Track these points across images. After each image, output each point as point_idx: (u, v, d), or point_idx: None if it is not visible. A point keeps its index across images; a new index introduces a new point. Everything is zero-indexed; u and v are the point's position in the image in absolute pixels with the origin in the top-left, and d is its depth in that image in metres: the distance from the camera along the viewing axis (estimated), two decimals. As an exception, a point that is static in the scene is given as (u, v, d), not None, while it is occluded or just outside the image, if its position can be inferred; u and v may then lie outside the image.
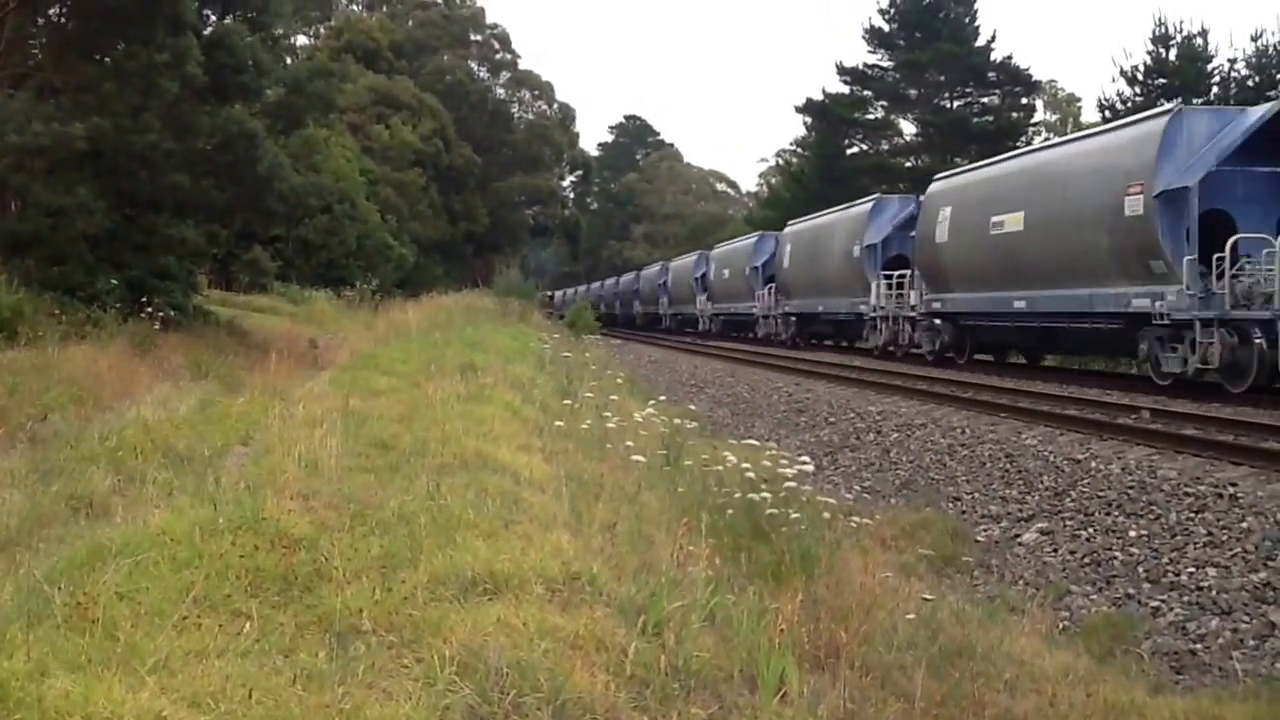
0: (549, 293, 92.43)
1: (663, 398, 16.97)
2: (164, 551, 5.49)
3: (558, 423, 11.07)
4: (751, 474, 9.45)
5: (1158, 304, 20.07)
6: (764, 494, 8.87)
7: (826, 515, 9.03)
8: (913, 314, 31.71)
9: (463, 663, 4.36)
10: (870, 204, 36.87)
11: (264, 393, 13.72)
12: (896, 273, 33.22)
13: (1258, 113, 20.54)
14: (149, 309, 20.42)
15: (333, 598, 5.11)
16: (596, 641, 4.87)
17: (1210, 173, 19.79)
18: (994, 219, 26.16)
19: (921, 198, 32.73)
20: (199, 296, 27.44)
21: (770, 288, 46.46)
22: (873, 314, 34.71)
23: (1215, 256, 19.12)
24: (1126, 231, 20.99)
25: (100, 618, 4.51)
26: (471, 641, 4.54)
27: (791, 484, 9.08)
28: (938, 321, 30.18)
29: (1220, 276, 18.97)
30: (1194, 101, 38.84)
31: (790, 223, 47.41)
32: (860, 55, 77.07)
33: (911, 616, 7.28)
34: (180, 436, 10.59)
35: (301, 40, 67.52)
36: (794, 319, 43.99)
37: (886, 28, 64.43)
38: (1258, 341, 18.20)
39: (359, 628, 4.78)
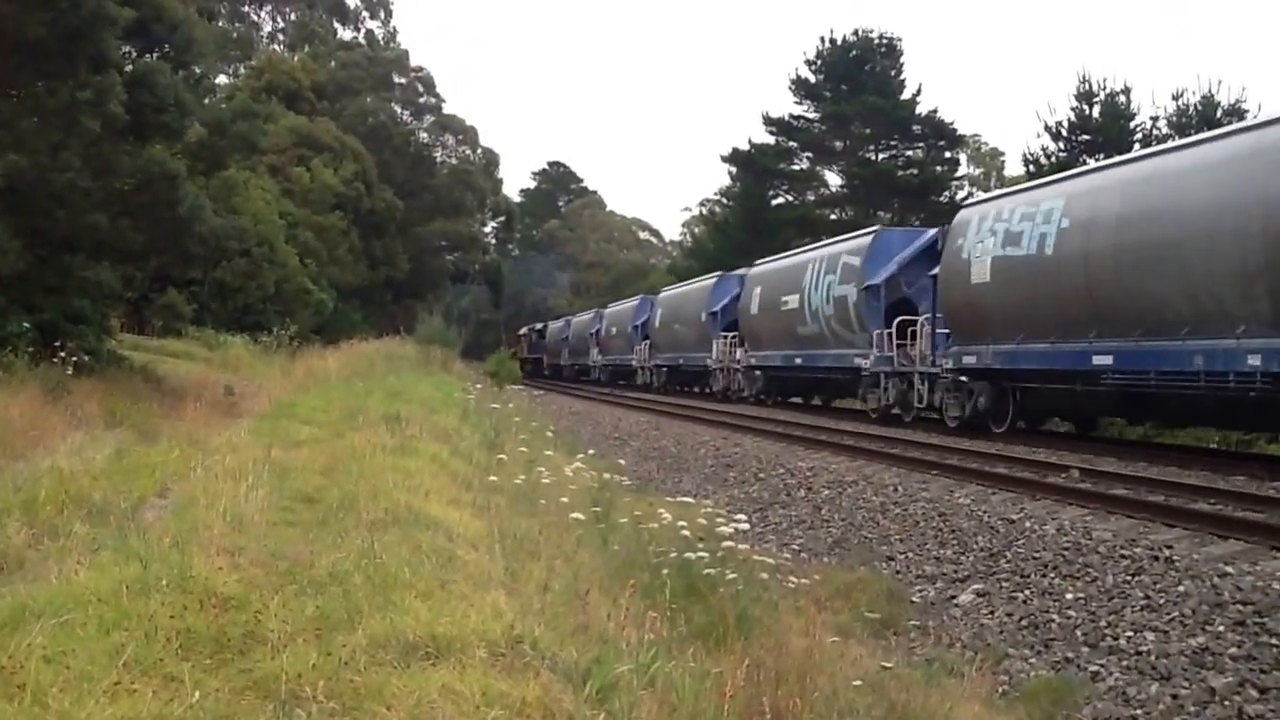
0: (536, 326, 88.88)
1: (591, 451, 16.86)
2: (90, 611, 5.28)
3: (491, 478, 10.90)
4: (687, 532, 9.34)
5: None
6: (700, 553, 8.76)
7: (764, 576, 8.92)
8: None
9: (410, 733, 4.19)
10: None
11: (181, 442, 13.42)
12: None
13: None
14: (61, 353, 19.87)
15: (268, 661, 4.95)
16: (544, 709, 4.73)
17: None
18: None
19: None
20: (112, 341, 26.82)
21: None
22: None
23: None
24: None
25: (29, 683, 4.30)
26: (418, 710, 4.38)
27: (729, 543, 8.96)
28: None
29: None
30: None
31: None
32: (787, 106, 77.81)
33: (859, 682, 7.18)
34: (96, 487, 10.28)
35: (222, 79, 66.96)
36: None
37: (813, 79, 65.01)
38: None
39: (298, 694, 4.60)
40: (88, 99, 20.54)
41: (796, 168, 67.09)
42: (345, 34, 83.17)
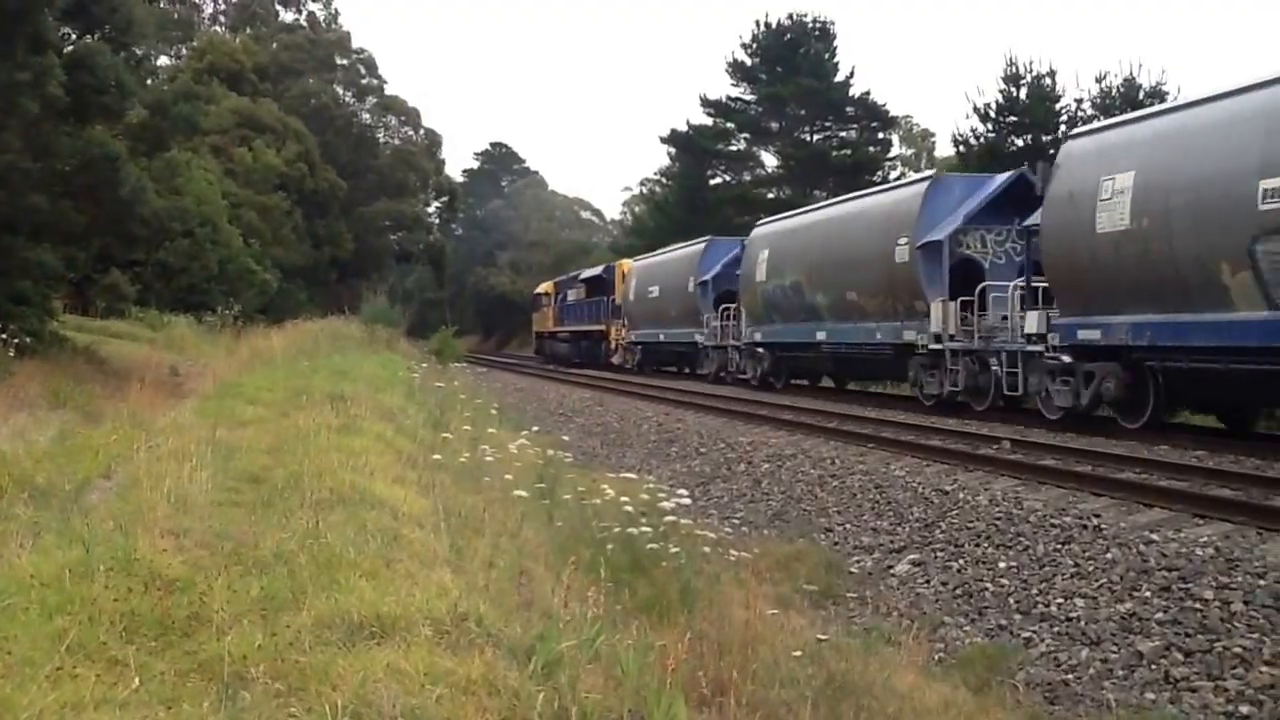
0: (582, 274, 60.72)
1: (535, 428, 16.89)
2: (32, 595, 5.27)
3: (435, 456, 10.92)
4: (630, 507, 9.42)
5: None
6: (644, 528, 8.84)
7: (706, 549, 9.02)
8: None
9: (355, 711, 4.22)
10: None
11: (125, 423, 13.34)
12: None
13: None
14: (3, 335, 19.71)
15: (213, 643, 4.95)
16: (489, 686, 4.77)
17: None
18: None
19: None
20: (55, 322, 26.57)
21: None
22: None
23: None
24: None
25: (-31, 670, 4.32)
26: (363, 689, 4.42)
27: (671, 518, 9.06)
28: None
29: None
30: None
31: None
32: (724, 88, 78.07)
33: (798, 653, 7.30)
34: (39, 469, 10.22)
35: (163, 61, 66.19)
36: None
37: (749, 62, 65.47)
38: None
39: (243, 675, 4.63)
40: (26, 80, 20.34)
41: (734, 148, 67.77)
42: (287, 16, 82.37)
